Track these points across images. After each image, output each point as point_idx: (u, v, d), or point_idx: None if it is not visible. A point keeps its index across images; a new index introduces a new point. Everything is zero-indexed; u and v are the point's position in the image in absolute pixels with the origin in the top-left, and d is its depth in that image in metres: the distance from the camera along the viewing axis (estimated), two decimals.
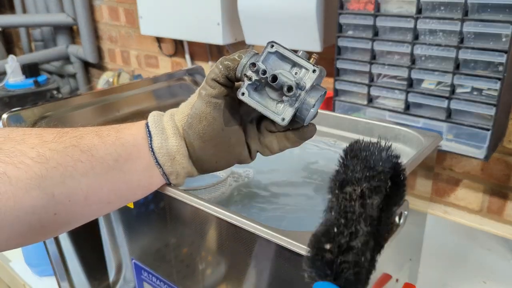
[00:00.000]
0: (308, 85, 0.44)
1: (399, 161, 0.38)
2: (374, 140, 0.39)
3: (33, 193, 0.38)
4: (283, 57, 0.45)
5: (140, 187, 0.47)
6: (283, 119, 0.45)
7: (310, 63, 0.44)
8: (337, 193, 0.34)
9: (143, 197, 0.49)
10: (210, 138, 0.47)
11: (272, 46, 0.44)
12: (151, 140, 0.46)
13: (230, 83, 0.46)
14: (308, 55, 0.45)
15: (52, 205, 0.40)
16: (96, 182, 0.42)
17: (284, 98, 0.45)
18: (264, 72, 0.43)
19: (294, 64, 0.45)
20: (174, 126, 0.47)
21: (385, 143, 0.37)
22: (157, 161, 0.46)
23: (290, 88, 0.43)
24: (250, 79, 0.44)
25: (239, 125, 0.49)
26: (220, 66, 0.45)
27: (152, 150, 0.46)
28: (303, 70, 0.45)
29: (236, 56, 0.46)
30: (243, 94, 0.45)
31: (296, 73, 0.45)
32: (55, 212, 0.40)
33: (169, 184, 0.49)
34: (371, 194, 0.34)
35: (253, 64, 0.44)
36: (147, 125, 0.47)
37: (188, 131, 0.47)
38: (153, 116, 0.48)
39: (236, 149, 0.49)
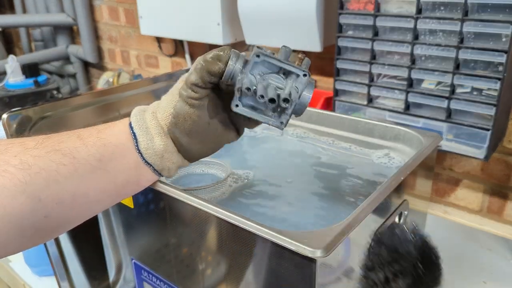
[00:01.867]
0: (300, 90, 0.44)
1: (428, 240, 0.36)
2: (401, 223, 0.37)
3: (20, 199, 0.39)
4: (270, 65, 0.45)
5: (129, 184, 0.47)
6: (282, 123, 0.45)
7: (299, 68, 0.44)
8: (363, 278, 0.34)
9: (136, 193, 0.49)
10: (197, 134, 0.47)
11: (258, 56, 0.44)
12: (137, 142, 0.46)
13: (212, 85, 0.46)
14: (294, 55, 0.45)
15: (40, 208, 0.41)
16: (82, 183, 0.43)
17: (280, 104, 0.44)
18: (255, 91, 0.43)
19: (284, 72, 0.45)
20: (158, 125, 0.47)
21: (414, 225, 0.36)
22: (146, 161, 0.46)
23: (285, 100, 0.43)
24: (242, 93, 0.44)
25: (224, 113, 0.49)
26: (202, 72, 0.44)
27: (139, 151, 0.46)
28: (293, 75, 0.45)
29: (216, 59, 0.45)
30: (237, 106, 0.45)
31: (286, 78, 0.45)
32: (45, 215, 0.41)
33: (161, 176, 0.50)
34: (396, 277, 0.33)
35: (247, 87, 0.43)
36: (130, 126, 0.47)
37: (174, 130, 0.47)
38: (135, 116, 0.47)
39: (224, 135, 0.50)
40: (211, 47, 1.44)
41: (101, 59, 2.04)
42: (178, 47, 1.57)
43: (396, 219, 0.56)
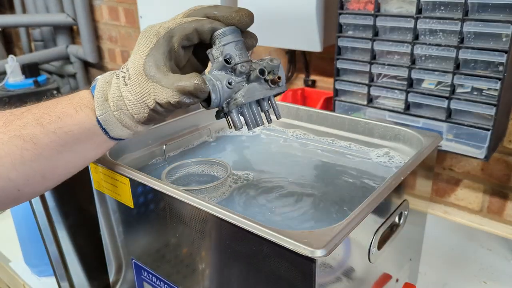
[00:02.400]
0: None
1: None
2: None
3: None
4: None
5: (99, 154, 0.50)
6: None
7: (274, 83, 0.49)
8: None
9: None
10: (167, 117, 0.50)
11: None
12: (107, 133, 0.47)
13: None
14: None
15: (12, 186, 0.45)
16: (49, 164, 0.46)
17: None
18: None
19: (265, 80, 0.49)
20: (127, 122, 0.46)
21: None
22: (118, 139, 0.49)
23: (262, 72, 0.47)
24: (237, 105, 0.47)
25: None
26: (182, 100, 0.44)
27: (111, 138, 0.48)
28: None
29: (199, 91, 0.44)
30: (241, 127, 0.49)
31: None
32: (18, 189, 0.46)
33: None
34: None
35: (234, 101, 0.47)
36: (98, 122, 0.46)
37: (149, 122, 0.48)
38: (103, 114, 0.46)
39: None
40: None
41: (101, 59, 2.04)
42: None
43: (396, 219, 0.56)
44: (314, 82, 1.23)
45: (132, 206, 0.56)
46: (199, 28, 0.47)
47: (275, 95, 0.51)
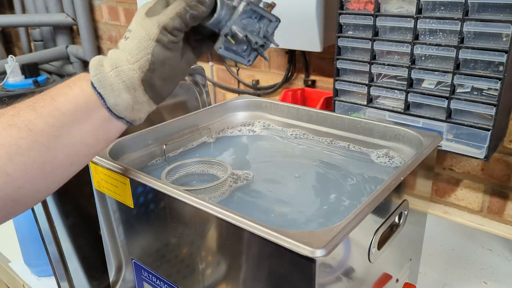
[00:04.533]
0: (270, 33, 0.53)
1: None
2: None
3: None
4: (253, 12, 0.50)
5: (100, 141, 0.47)
6: (249, 61, 0.53)
7: (274, 16, 0.53)
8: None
9: (108, 145, 0.51)
10: (171, 76, 0.48)
11: (248, 5, 0.49)
12: (104, 100, 0.45)
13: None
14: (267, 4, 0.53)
15: (11, 181, 0.41)
16: (47, 152, 0.43)
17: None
18: (239, 38, 0.49)
19: (261, 17, 0.51)
20: (122, 80, 0.45)
21: None
22: (117, 116, 0.46)
23: (261, 46, 0.52)
24: (229, 40, 0.49)
25: (189, 50, 0.50)
26: (185, 17, 0.45)
27: (109, 108, 0.45)
28: (266, 19, 0.52)
29: (199, 2, 0.45)
30: (220, 48, 0.50)
31: (258, 21, 0.52)
32: (18, 186, 0.42)
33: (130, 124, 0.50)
34: None
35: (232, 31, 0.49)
36: (93, 86, 0.45)
37: (151, 76, 0.46)
38: (97, 75, 0.45)
39: (187, 69, 0.51)
40: None
41: None
42: None
43: (396, 219, 0.56)
44: (314, 82, 1.23)
45: (132, 206, 0.56)
46: None
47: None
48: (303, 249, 0.38)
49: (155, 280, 0.59)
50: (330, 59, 1.14)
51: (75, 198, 0.72)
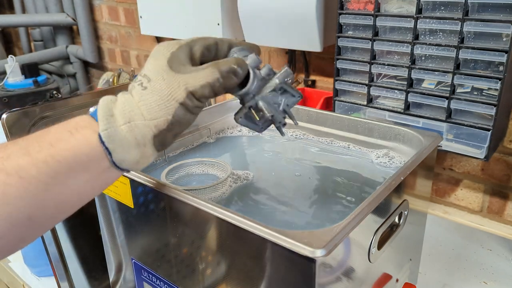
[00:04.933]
0: (290, 107, 0.50)
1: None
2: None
3: None
4: (279, 88, 0.48)
5: (96, 189, 0.43)
6: (262, 129, 0.51)
7: (297, 91, 0.49)
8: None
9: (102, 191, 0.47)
10: (182, 132, 0.46)
11: (281, 88, 0.48)
12: (111, 156, 0.41)
13: None
14: (292, 76, 0.50)
15: None
16: (36, 201, 0.38)
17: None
18: (263, 114, 0.47)
19: (284, 91, 0.49)
20: (134, 137, 0.41)
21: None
22: (120, 168, 0.42)
23: (280, 123, 0.49)
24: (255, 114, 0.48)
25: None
26: (216, 88, 0.43)
27: (114, 163, 0.41)
28: (289, 94, 0.49)
29: (233, 74, 0.43)
30: (240, 118, 0.49)
31: (280, 95, 0.49)
32: (0, 237, 0.38)
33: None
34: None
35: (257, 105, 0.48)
36: (101, 140, 0.40)
37: (166, 133, 0.43)
38: (107, 130, 0.40)
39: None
40: None
41: (101, 59, 2.04)
42: None
43: (396, 219, 0.56)
44: (314, 82, 1.23)
45: (132, 206, 0.56)
46: (219, 41, 0.47)
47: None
48: (303, 249, 0.38)
49: (155, 280, 0.59)
50: (330, 59, 1.14)
51: None
